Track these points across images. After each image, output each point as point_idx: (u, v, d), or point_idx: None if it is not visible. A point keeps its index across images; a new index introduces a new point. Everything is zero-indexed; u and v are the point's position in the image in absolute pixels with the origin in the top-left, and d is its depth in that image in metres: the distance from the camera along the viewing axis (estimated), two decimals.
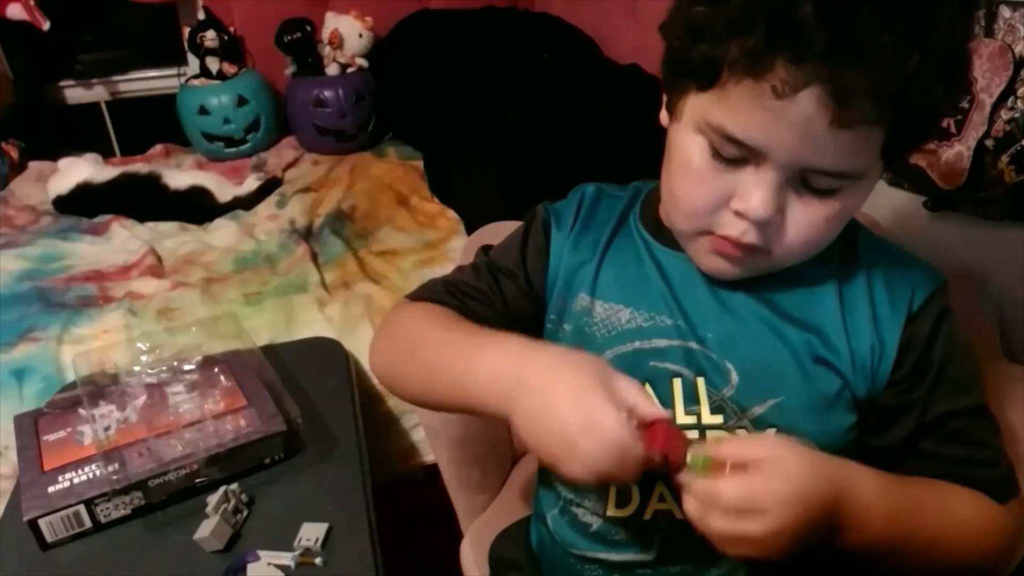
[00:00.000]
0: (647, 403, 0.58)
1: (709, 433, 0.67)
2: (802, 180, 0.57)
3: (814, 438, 0.64)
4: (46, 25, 2.09)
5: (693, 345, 0.67)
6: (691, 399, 0.67)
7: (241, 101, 2.17)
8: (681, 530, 0.67)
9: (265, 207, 1.89)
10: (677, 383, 0.67)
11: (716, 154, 0.58)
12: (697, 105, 0.58)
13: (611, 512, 0.71)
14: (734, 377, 0.66)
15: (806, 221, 0.58)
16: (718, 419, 0.66)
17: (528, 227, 0.78)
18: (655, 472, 0.58)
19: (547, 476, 0.81)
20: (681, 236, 0.67)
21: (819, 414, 0.65)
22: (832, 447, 0.65)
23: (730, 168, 0.58)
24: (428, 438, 1.18)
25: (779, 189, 0.57)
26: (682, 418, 0.67)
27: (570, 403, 0.55)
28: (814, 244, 0.61)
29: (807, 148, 0.54)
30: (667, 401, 0.68)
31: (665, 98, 0.64)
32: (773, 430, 0.65)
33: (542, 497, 0.82)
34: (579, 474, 0.55)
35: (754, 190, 0.57)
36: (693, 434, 0.67)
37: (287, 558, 0.81)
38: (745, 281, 0.67)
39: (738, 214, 0.58)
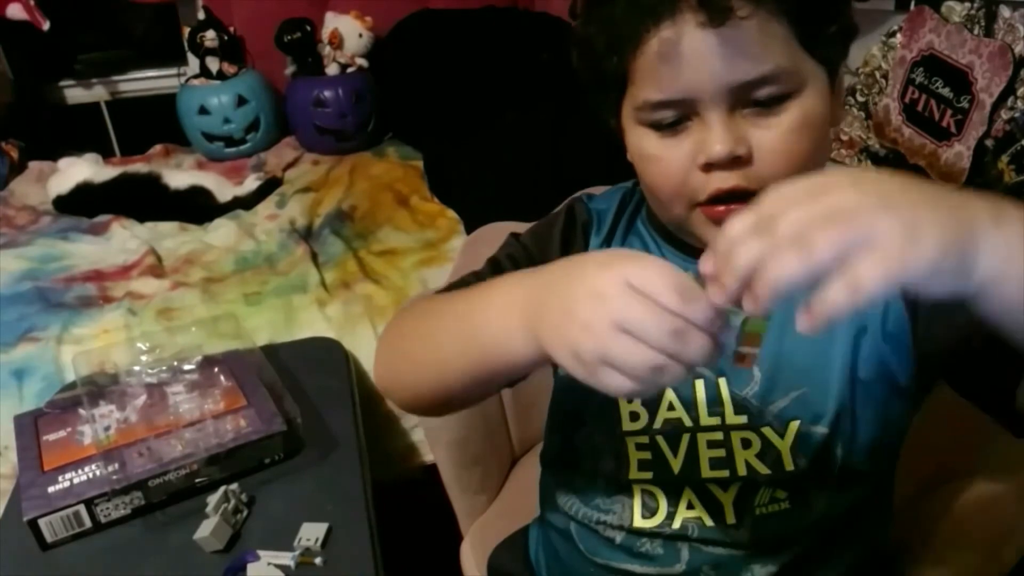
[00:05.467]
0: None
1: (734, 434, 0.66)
2: (745, 104, 0.58)
3: (841, 432, 0.64)
4: (46, 25, 2.09)
5: None
6: (714, 400, 0.67)
7: (241, 101, 2.17)
8: (710, 540, 0.67)
9: (265, 207, 1.89)
10: (700, 385, 0.67)
11: (660, 129, 0.60)
12: (625, 106, 0.63)
13: (637, 523, 0.69)
14: (756, 375, 0.66)
15: (773, 138, 0.58)
16: (742, 419, 0.66)
17: (567, 227, 0.75)
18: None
19: (563, 488, 0.77)
20: (682, 224, 0.65)
21: (843, 402, 0.64)
22: (861, 444, 0.65)
23: (679, 134, 0.60)
24: (427, 439, 1.18)
25: (727, 123, 0.57)
26: (706, 419, 0.67)
27: (601, 266, 0.47)
28: (799, 160, 0.59)
29: (716, 67, 0.56)
30: (691, 403, 0.67)
31: (613, 122, 0.67)
32: (797, 422, 0.65)
33: (557, 509, 0.78)
34: (634, 355, 0.43)
35: (707, 136, 0.58)
36: (718, 435, 0.66)
37: (287, 558, 0.81)
38: None
39: (708, 167, 0.58)
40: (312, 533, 0.84)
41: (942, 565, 0.80)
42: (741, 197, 0.58)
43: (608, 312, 0.44)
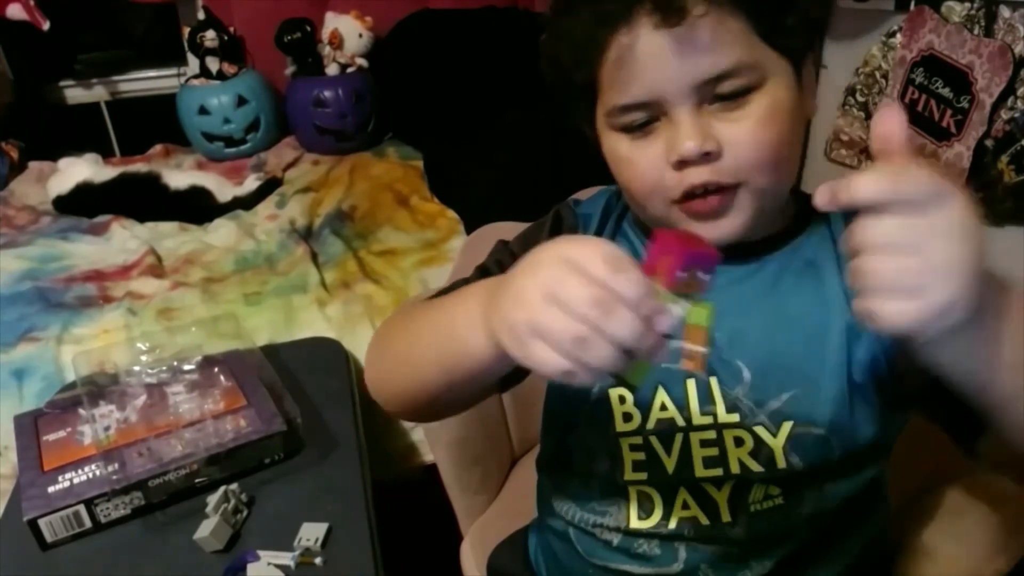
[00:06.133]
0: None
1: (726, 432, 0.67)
2: (711, 100, 0.58)
3: (835, 431, 0.64)
4: (46, 25, 2.09)
5: None
6: (706, 400, 0.67)
7: (241, 101, 2.17)
8: (706, 539, 0.68)
9: (265, 207, 1.89)
10: (691, 384, 0.67)
11: (631, 131, 0.61)
12: (598, 113, 0.64)
13: (634, 524, 0.70)
14: (746, 375, 0.66)
15: (741, 131, 0.59)
16: (734, 417, 0.66)
17: (554, 232, 0.76)
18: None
19: (559, 492, 0.78)
20: (662, 223, 0.65)
21: (839, 404, 0.65)
22: (854, 443, 0.66)
23: (650, 135, 0.61)
24: (427, 439, 1.18)
25: (695, 120, 0.58)
26: (698, 419, 0.67)
27: (546, 247, 0.47)
28: (768, 150, 0.60)
29: (676, 66, 0.57)
30: (683, 403, 0.67)
31: (588, 130, 0.68)
32: (791, 423, 0.65)
33: (554, 513, 0.79)
34: (559, 325, 0.43)
35: (676, 134, 0.59)
36: (711, 434, 0.67)
37: (287, 558, 0.81)
38: (751, 277, 0.66)
39: (680, 164, 0.59)
40: (312, 533, 0.84)
41: (942, 564, 0.80)
42: (715, 191, 0.59)
43: (538, 282, 0.44)
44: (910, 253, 0.41)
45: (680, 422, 0.67)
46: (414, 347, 0.62)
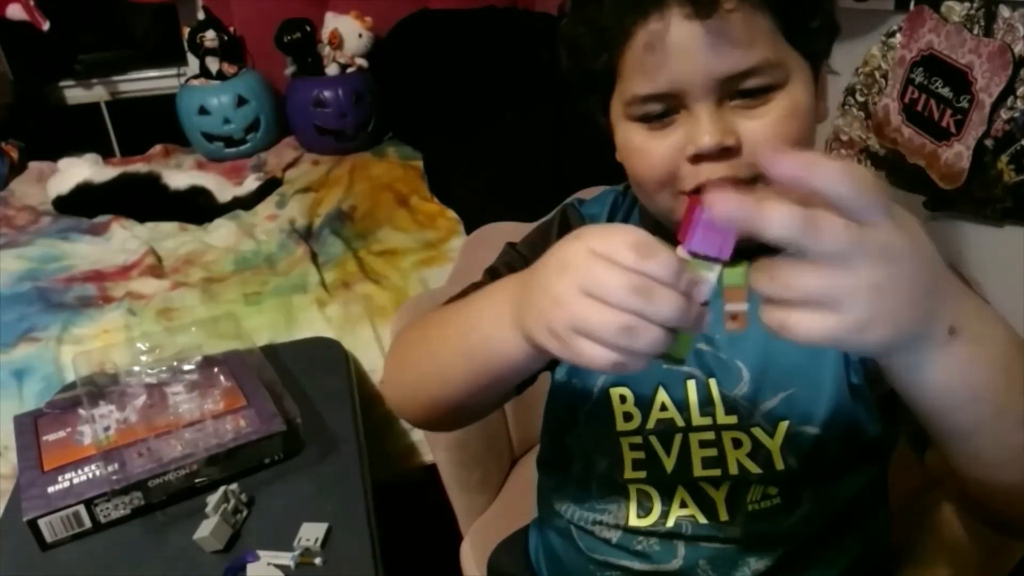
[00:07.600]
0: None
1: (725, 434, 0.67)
2: (732, 95, 0.58)
3: (833, 432, 0.64)
4: (46, 25, 2.10)
5: (703, 346, 0.68)
6: (706, 401, 0.67)
7: (241, 101, 2.17)
8: (704, 537, 0.68)
9: (265, 207, 1.89)
10: (691, 385, 0.67)
11: (648, 122, 0.60)
12: (614, 102, 0.63)
13: (633, 522, 0.70)
14: (745, 375, 0.66)
15: (762, 127, 0.58)
16: (732, 419, 0.66)
17: (562, 233, 0.72)
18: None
19: (559, 491, 0.78)
20: (669, 215, 0.64)
21: (835, 407, 0.65)
22: (853, 444, 0.66)
23: (667, 127, 0.60)
24: (427, 439, 1.18)
25: (716, 114, 0.57)
26: (698, 419, 0.67)
27: (569, 240, 0.46)
28: (787, 148, 0.57)
29: (704, 58, 0.56)
30: (683, 403, 0.68)
31: (602, 120, 0.67)
32: (787, 422, 0.65)
33: (554, 511, 0.78)
34: (601, 319, 0.42)
35: (695, 127, 0.58)
36: (710, 435, 0.67)
37: (287, 558, 0.81)
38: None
39: (697, 158, 0.58)
40: (312, 533, 0.84)
41: (943, 564, 0.80)
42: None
43: (572, 279, 0.44)
44: (834, 265, 0.38)
45: (680, 423, 0.67)
46: (437, 354, 0.61)
